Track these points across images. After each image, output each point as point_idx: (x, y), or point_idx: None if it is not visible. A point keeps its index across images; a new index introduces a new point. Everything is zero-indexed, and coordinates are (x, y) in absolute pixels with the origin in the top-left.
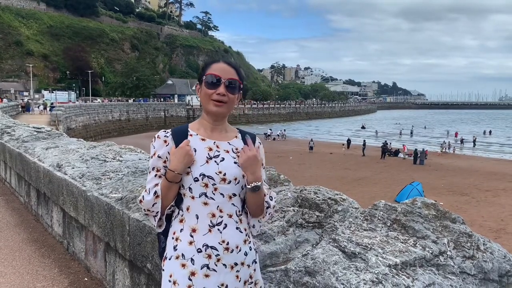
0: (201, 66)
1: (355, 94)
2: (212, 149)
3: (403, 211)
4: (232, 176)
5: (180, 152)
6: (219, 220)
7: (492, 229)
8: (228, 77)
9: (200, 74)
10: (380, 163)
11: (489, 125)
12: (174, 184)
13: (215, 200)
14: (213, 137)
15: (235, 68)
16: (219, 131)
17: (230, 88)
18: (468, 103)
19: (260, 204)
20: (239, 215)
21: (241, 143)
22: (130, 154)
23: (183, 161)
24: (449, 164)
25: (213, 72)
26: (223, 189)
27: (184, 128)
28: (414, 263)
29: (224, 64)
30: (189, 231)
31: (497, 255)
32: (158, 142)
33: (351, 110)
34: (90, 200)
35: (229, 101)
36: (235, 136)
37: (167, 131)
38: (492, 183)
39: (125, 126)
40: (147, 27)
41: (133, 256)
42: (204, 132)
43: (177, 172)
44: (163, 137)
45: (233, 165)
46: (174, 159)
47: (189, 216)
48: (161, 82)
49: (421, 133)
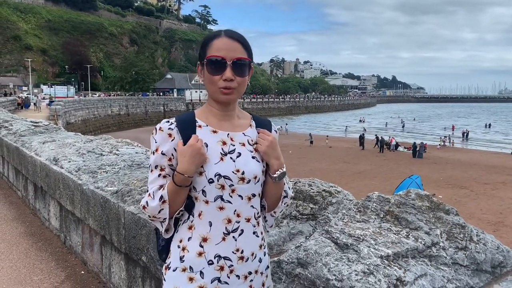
0: (201, 43)
1: (355, 88)
2: (226, 143)
3: (396, 203)
4: (251, 174)
5: (191, 151)
6: (235, 226)
7: (490, 222)
8: (235, 56)
9: (200, 54)
10: (379, 157)
11: (489, 119)
12: (184, 188)
13: (233, 204)
14: (225, 127)
15: (241, 42)
16: (230, 119)
17: (238, 69)
18: (468, 96)
19: (280, 194)
20: (257, 218)
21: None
22: (126, 147)
23: (195, 162)
24: (448, 158)
25: (215, 53)
26: (242, 190)
27: (191, 117)
28: (406, 254)
29: (227, 38)
30: (199, 241)
31: (490, 246)
32: (160, 136)
33: (351, 104)
34: (86, 194)
35: (239, 85)
36: (250, 125)
37: (170, 121)
38: (491, 176)
39: (125, 120)
40: (146, 21)
41: (129, 249)
42: (214, 122)
43: (187, 175)
44: (167, 129)
45: (252, 160)
46: (184, 159)
47: (201, 223)
48: (160, 77)
49: (420, 126)
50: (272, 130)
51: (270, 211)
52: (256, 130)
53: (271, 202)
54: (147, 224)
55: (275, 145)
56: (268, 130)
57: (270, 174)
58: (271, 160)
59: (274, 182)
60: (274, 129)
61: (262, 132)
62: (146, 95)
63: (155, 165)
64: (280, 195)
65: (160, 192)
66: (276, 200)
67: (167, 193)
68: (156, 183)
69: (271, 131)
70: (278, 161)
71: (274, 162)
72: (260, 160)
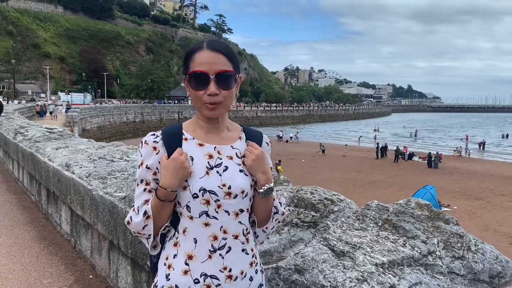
0: (183, 57)
1: (370, 97)
2: (213, 156)
3: (395, 211)
4: (238, 188)
5: (174, 164)
6: (222, 243)
7: (507, 234)
8: (218, 69)
9: (183, 67)
10: (393, 166)
11: (506, 129)
12: (168, 203)
13: (219, 220)
14: (212, 140)
15: (224, 53)
16: (219, 132)
17: (223, 82)
18: (485, 106)
19: (270, 210)
20: (246, 234)
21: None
22: (137, 154)
23: (178, 176)
24: (464, 168)
25: (197, 67)
26: (228, 206)
27: (177, 130)
28: (402, 262)
29: (209, 51)
30: (184, 258)
31: (488, 256)
32: (145, 149)
33: (365, 113)
34: (95, 199)
35: (225, 98)
36: (239, 137)
37: (156, 134)
38: (508, 188)
39: (140, 127)
40: (162, 29)
41: (135, 254)
42: (201, 135)
43: (170, 189)
44: (152, 142)
45: (239, 174)
46: (166, 173)
47: (186, 240)
48: (175, 85)
49: (436, 135)
50: (263, 143)
51: (261, 226)
52: (246, 142)
53: (260, 218)
54: None
55: (262, 158)
56: (258, 142)
57: (257, 189)
58: (257, 175)
59: (262, 197)
60: (266, 141)
61: (250, 145)
62: (161, 102)
63: (140, 179)
64: (270, 211)
65: (144, 207)
66: (266, 216)
67: (151, 208)
68: (142, 198)
69: (261, 143)
70: (265, 176)
71: (260, 177)
72: (249, 173)
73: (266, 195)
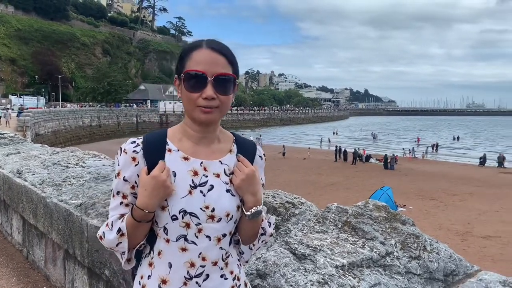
0: (179, 55)
1: (328, 101)
2: (198, 173)
3: (354, 214)
4: (223, 211)
5: (154, 183)
6: (199, 270)
7: (459, 232)
8: (217, 72)
9: (177, 66)
10: (352, 168)
11: (457, 131)
12: (144, 223)
13: (198, 246)
14: (200, 153)
15: (225, 55)
16: (208, 143)
17: (221, 86)
18: (437, 110)
19: (257, 232)
20: (226, 258)
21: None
22: (93, 159)
23: (158, 196)
24: (418, 169)
25: (194, 66)
26: (210, 230)
27: (161, 138)
28: (361, 263)
29: (209, 50)
30: (158, 282)
31: (443, 255)
32: (124, 159)
33: (324, 116)
34: (49, 207)
35: (222, 104)
36: (229, 150)
37: (136, 142)
38: (460, 188)
39: (96, 132)
40: (120, 31)
41: (92, 263)
42: (188, 146)
43: (148, 211)
44: (131, 152)
45: (225, 194)
46: (144, 192)
47: (161, 263)
48: (133, 88)
49: (391, 138)
50: (256, 156)
51: (246, 244)
52: (236, 156)
53: (244, 238)
54: None
55: (251, 178)
56: (251, 155)
57: (244, 211)
58: (245, 196)
59: (248, 220)
60: (259, 155)
61: (241, 161)
62: (118, 106)
63: (116, 191)
64: (256, 233)
65: (119, 224)
66: (252, 237)
67: (125, 226)
68: (117, 211)
69: (253, 157)
70: (253, 198)
71: (249, 199)
72: (236, 193)
73: (253, 218)
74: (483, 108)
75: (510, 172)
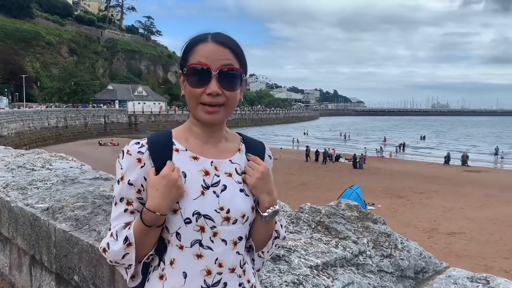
0: (182, 48)
1: (299, 101)
2: (210, 173)
3: (327, 213)
4: (238, 212)
5: (165, 182)
6: (216, 278)
7: (425, 229)
8: (222, 65)
9: (180, 62)
10: (322, 168)
11: (423, 131)
12: (155, 229)
13: (214, 251)
14: (208, 153)
15: (231, 48)
16: (216, 142)
17: (227, 81)
18: (404, 110)
19: (270, 235)
20: (243, 265)
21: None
22: (60, 162)
23: (169, 197)
24: (386, 168)
25: (197, 60)
26: (226, 233)
27: (166, 138)
28: (335, 263)
29: (213, 44)
30: None
31: (413, 253)
32: (128, 161)
33: (295, 116)
34: (14, 212)
35: (228, 101)
36: (238, 149)
37: (140, 142)
38: (426, 186)
39: (63, 133)
40: (87, 30)
41: (60, 268)
42: (195, 146)
43: (159, 213)
44: (136, 153)
45: (239, 194)
46: (155, 193)
47: (174, 274)
48: (101, 88)
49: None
50: (265, 155)
51: (257, 251)
52: (246, 156)
53: (259, 243)
54: (79, 242)
55: (267, 176)
56: (260, 155)
57: (260, 212)
58: (261, 196)
59: (264, 221)
60: (268, 154)
61: (252, 159)
62: (86, 106)
63: (120, 197)
64: (270, 236)
65: (125, 232)
66: (265, 241)
67: (133, 234)
68: (121, 220)
69: (263, 156)
70: (270, 197)
71: (265, 198)
72: (250, 193)
73: (270, 219)
74: (448, 108)
75: (473, 171)
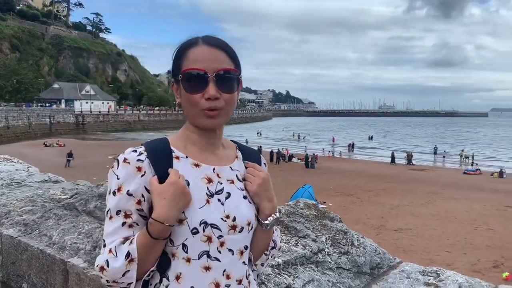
0: (173, 54)
1: (252, 102)
2: (213, 180)
3: (286, 213)
4: (244, 220)
5: (173, 190)
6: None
7: (374, 226)
8: (218, 68)
9: (173, 68)
10: (276, 168)
11: (371, 131)
12: (161, 241)
13: (221, 262)
14: (209, 160)
15: (225, 50)
16: (214, 149)
17: (225, 84)
18: (353, 111)
19: (268, 245)
20: (248, 276)
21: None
22: (5, 164)
23: (178, 205)
24: (337, 168)
25: (192, 65)
26: (233, 242)
27: (164, 146)
28: (295, 261)
29: (206, 46)
30: None
31: (369, 250)
32: (125, 170)
33: (249, 117)
34: None
35: (227, 103)
36: (236, 157)
37: (138, 150)
38: (374, 184)
39: (4, 134)
40: (30, 26)
41: (7, 276)
42: (195, 153)
43: (168, 224)
44: (135, 161)
45: (243, 201)
46: (163, 202)
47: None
48: (46, 86)
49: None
50: (261, 164)
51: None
52: (244, 163)
53: (257, 254)
54: (28, 248)
55: (268, 183)
56: (256, 163)
57: (261, 220)
58: (263, 203)
59: (264, 230)
60: (264, 162)
61: (252, 166)
62: (29, 105)
63: (116, 210)
64: (268, 246)
65: (127, 248)
66: (262, 251)
67: (136, 249)
68: (119, 235)
69: (260, 164)
70: (271, 204)
71: (266, 205)
72: (252, 200)
73: (271, 228)
74: (393, 109)
75: (418, 169)
